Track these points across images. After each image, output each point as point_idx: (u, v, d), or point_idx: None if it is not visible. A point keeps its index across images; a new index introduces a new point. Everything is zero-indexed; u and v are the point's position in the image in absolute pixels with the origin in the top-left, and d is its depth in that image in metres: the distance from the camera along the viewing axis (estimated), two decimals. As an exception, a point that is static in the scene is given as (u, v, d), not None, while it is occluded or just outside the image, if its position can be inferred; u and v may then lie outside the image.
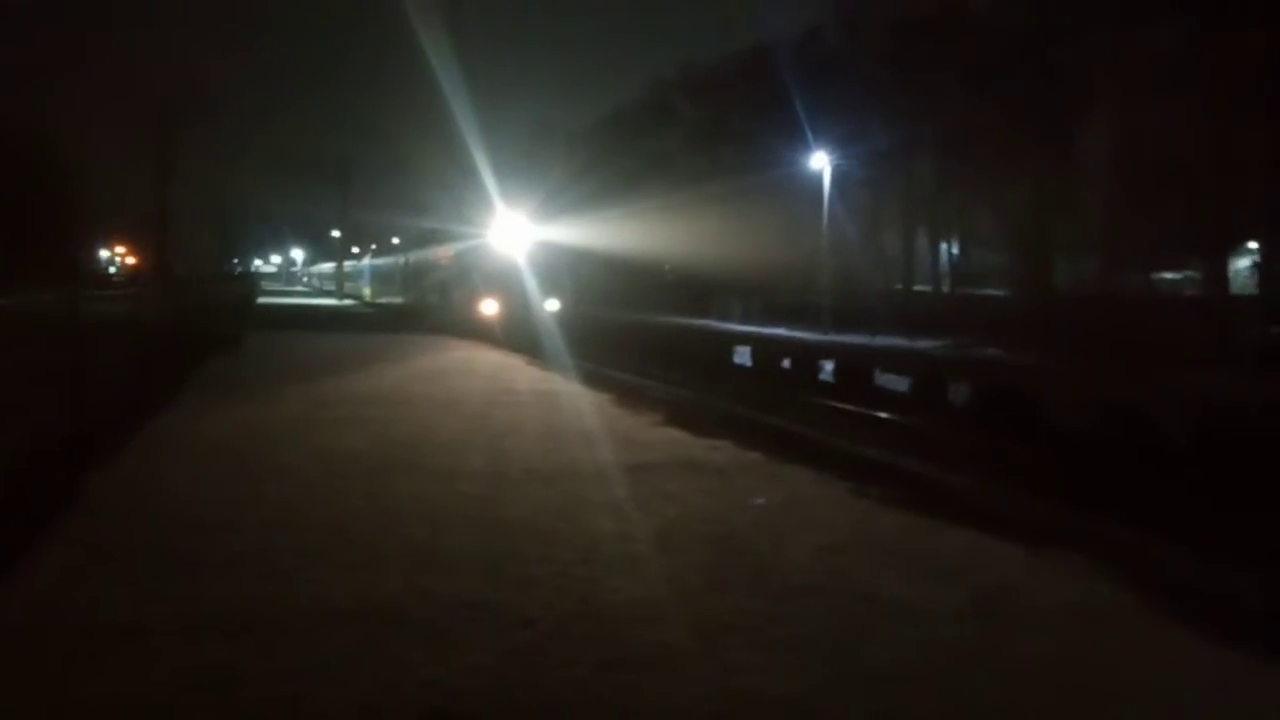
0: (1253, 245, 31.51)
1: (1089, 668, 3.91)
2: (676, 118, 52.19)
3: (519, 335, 24.59)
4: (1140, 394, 15.13)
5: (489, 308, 30.36)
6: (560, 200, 44.50)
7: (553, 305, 32.68)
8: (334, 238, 73.59)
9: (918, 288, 43.81)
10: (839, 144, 37.74)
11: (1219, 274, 33.07)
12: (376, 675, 3.72)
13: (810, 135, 37.59)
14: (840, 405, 16.25)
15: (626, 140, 52.55)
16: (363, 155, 67.30)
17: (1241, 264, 32.80)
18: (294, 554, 5.31)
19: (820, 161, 32.56)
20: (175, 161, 25.34)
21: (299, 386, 12.89)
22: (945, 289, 41.45)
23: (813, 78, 40.81)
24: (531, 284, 32.27)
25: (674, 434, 9.75)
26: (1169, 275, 34.49)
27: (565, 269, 40.26)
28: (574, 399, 12.69)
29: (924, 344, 25.27)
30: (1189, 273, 33.76)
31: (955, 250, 43.53)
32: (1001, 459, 10.69)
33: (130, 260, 55.93)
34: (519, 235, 35.59)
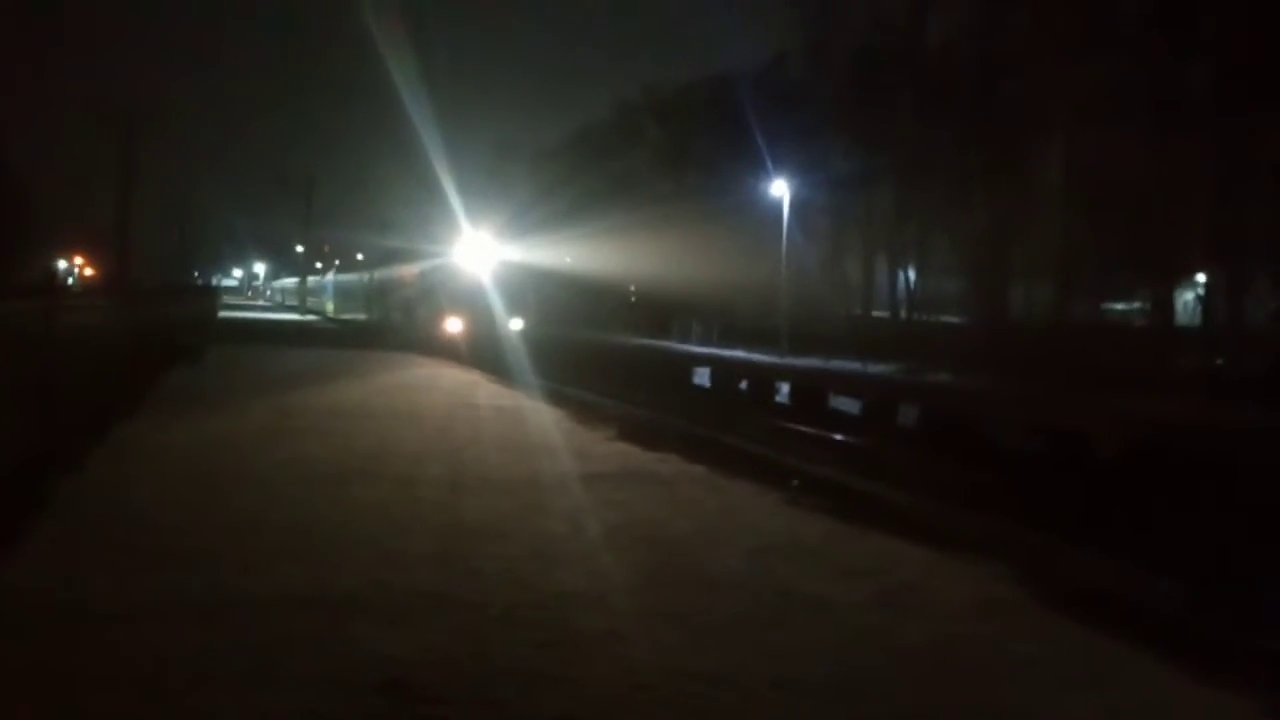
0: (1200, 278, 32.73)
1: (967, 648, 4.44)
2: (642, 140, 52.89)
3: (483, 353, 24.92)
4: (1074, 417, 15.89)
5: (453, 326, 30.61)
6: (525, 220, 44.85)
7: (517, 324, 32.97)
8: (297, 253, 73.34)
9: (876, 313, 44.78)
10: (801, 171, 38.60)
11: (1165, 304, 34.27)
12: (338, 652, 4.14)
13: (770, 162, 38.43)
14: (790, 425, 16.83)
15: (591, 161, 53.10)
16: (327, 172, 67.46)
17: (1188, 296, 34.04)
18: (259, 552, 5.69)
19: (780, 189, 33.31)
20: (136, 175, 25.44)
21: (262, 399, 13.17)
22: (903, 315, 42.35)
23: (776, 105, 41.75)
24: (496, 303, 32.57)
25: (625, 448, 10.23)
26: (1120, 306, 35.70)
27: (529, 288, 40.66)
28: (533, 415, 13.11)
29: (878, 368, 26.03)
30: (1138, 303, 34.99)
31: (913, 277, 44.51)
32: (934, 475, 11.29)
33: (88, 271, 55.38)
34: (483, 254, 35.91)
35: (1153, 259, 30.97)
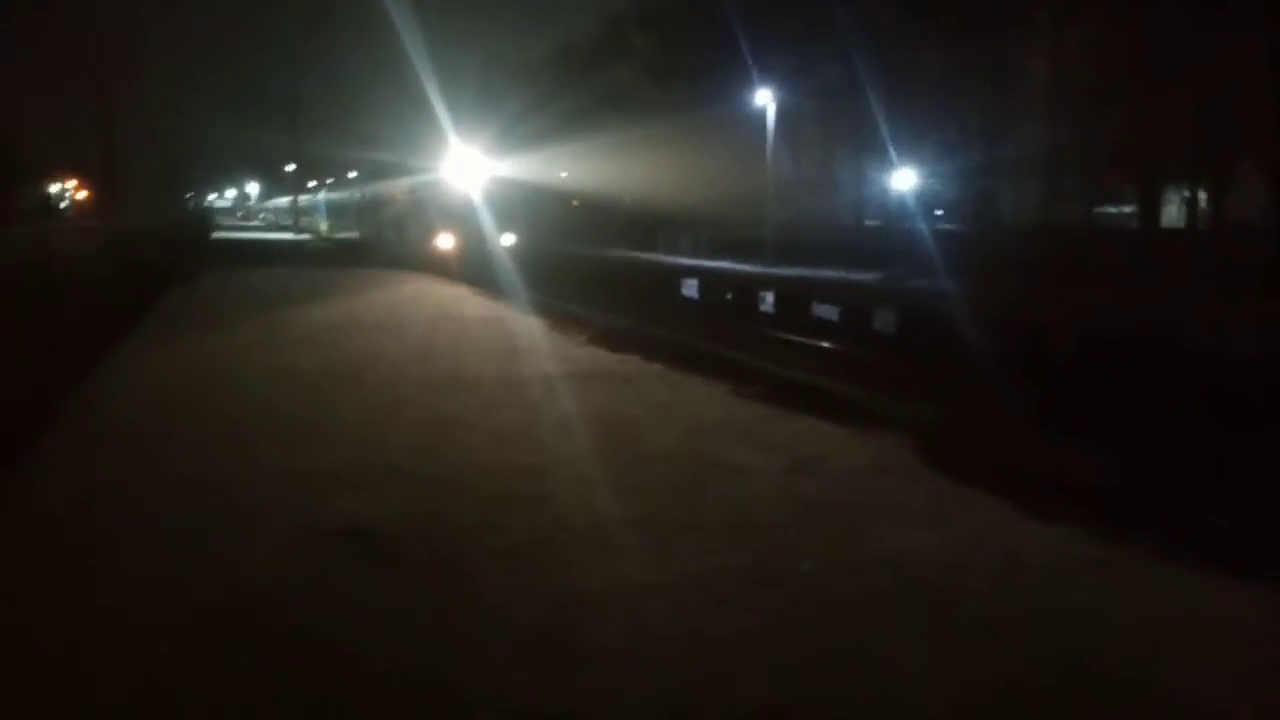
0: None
1: (848, 498, 5.20)
2: (629, 51, 52.26)
3: (472, 269, 25.38)
4: (1029, 313, 16.59)
5: (445, 242, 30.83)
6: (515, 135, 44.71)
7: (508, 240, 33.22)
8: (288, 172, 73.12)
9: (870, 222, 45.02)
10: (789, 79, 38.41)
11: (1153, 205, 34.54)
12: (311, 511, 4.89)
13: (758, 71, 38.22)
14: (764, 331, 17.52)
15: (579, 74, 52.52)
16: (314, 88, 66.60)
17: (1180, 196, 34.29)
18: (246, 441, 6.43)
19: (764, 98, 33.30)
20: (120, 101, 25.57)
21: (253, 318, 13.81)
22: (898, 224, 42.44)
23: (763, 11, 41.27)
24: (486, 218, 32.77)
25: (594, 351, 10.95)
26: (1112, 209, 35.95)
27: (520, 203, 40.84)
28: (513, 324, 13.77)
29: (860, 276, 26.58)
30: (1129, 207, 35.25)
31: (904, 184, 44.47)
32: (884, 369, 12.03)
33: (82, 194, 55.29)
34: (474, 170, 36.00)
35: (1139, 159, 31.20)
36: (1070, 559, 4.41)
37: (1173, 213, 35.46)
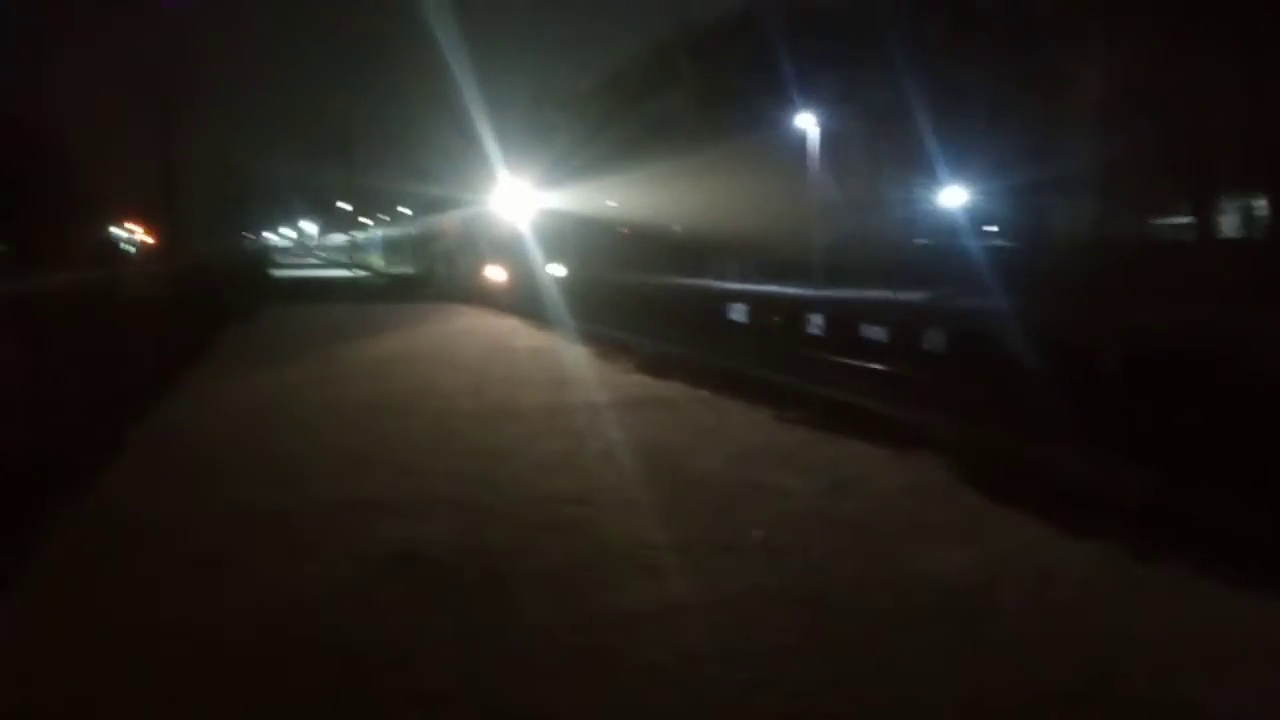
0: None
1: (884, 518, 5.29)
2: (677, 79, 52.81)
3: (523, 300, 25.73)
4: (1089, 333, 16.37)
5: (495, 274, 31.17)
6: (564, 166, 45.29)
7: (557, 270, 33.51)
8: (343, 209, 74.92)
9: (919, 240, 44.68)
10: (835, 101, 38.47)
11: (1208, 217, 33.82)
12: (362, 538, 5.12)
13: (805, 94, 38.35)
14: (807, 353, 17.55)
15: (628, 103, 53.15)
16: (367, 125, 68.39)
17: (1240, 208, 33.56)
18: (301, 471, 6.70)
19: (805, 121, 33.43)
20: (178, 143, 26.46)
21: (309, 352, 14.23)
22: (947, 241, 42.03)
23: (806, 34, 41.46)
24: (535, 250, 33.11)
25: (640, 378, 11.13)
26: (1176, 221, 35.28)
27: (569, 234, 41.30)
28: (561, 354, 14.03)
29: (908, 296, 26.45)
30: (1186, 218, 34.55)
31: (954, 202, 44.06)
32: (930, 390, 12.01)
33: (146, 239, 56.96)
34: (523, 201, 36.48)
35: (1195, 169, 30.62)
36: (1104, 577, 4.45)
37: (1230, 223, 34.66)
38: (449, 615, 4.11)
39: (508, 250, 33.97)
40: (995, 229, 41.83)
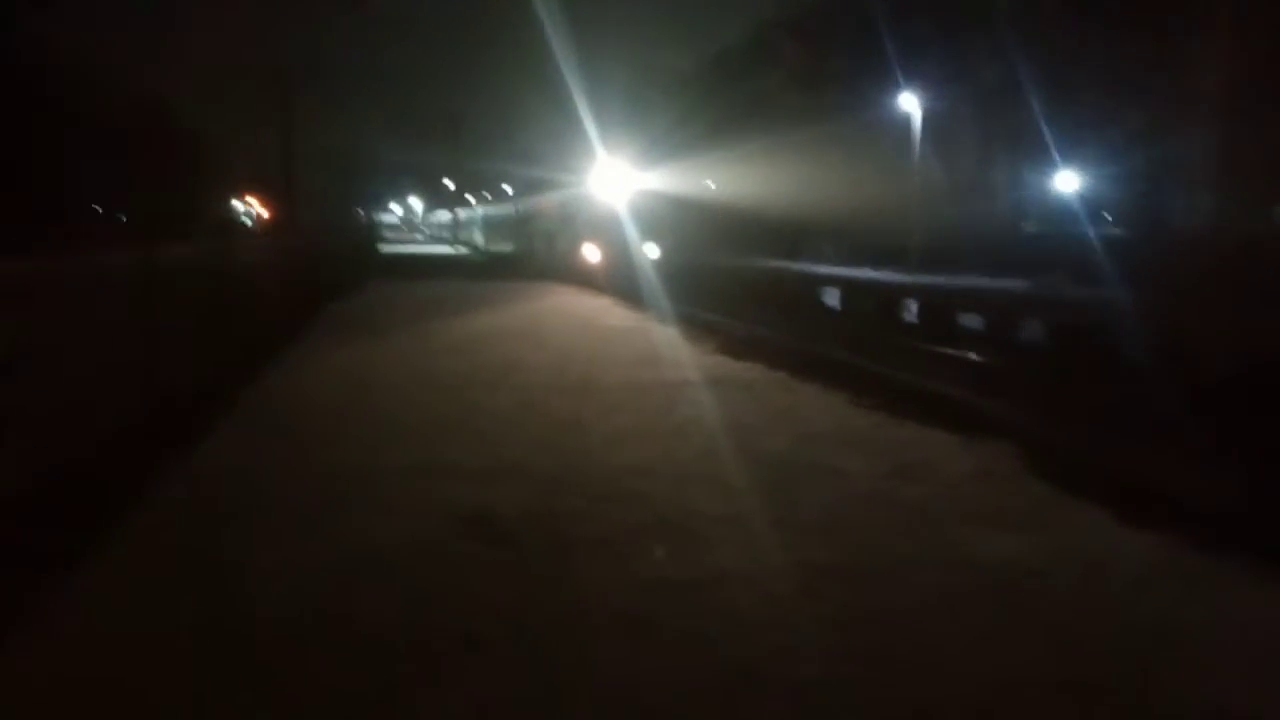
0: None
1: (944, 503, 5.34)
2: (778, 58, 52.24)
3: (617, 280, 26.03)
4: (1196, 329, 15.75)
5: (591, 254, 31.55)
6: (662, 146, 45.42)
7: (652, 251, 33.72)
8: (448, 187, 76.75)
9: (1028, 227, 43.35)
10: (941, 81, 37.53)
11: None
12: (441, 499, 5.45)
13: (910, 74, 37.53)
14: (897, 339, 17.36)
15: (728, 83, 52.92)
16: (473, 105, 69.91)
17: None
18: (393, 437, 7.11)
19: (909, 102, 32.78)
20: (296, 123, 27.62)
21: (409, 326, 14.83)
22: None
23: (912, 12, 40.49)
24: (632, 230, 33.40)
25: (720, 359, 11.28)
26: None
27: (666, 215, 41.45)
28: (649, 334, 14.25)
29: (1008, 284, 25.79)
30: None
31: (1066, 187, 42.65)
32: (1016, 380, 11.80)
33: (263, 212, 59.49)
34: (621, 182, 36.80)
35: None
36: (1159, 570, 4.44)
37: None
38: (510, 572, 4.39)
39: (604, 230, 34.35)
40: (1109, 217, 40.29)
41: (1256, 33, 29.87)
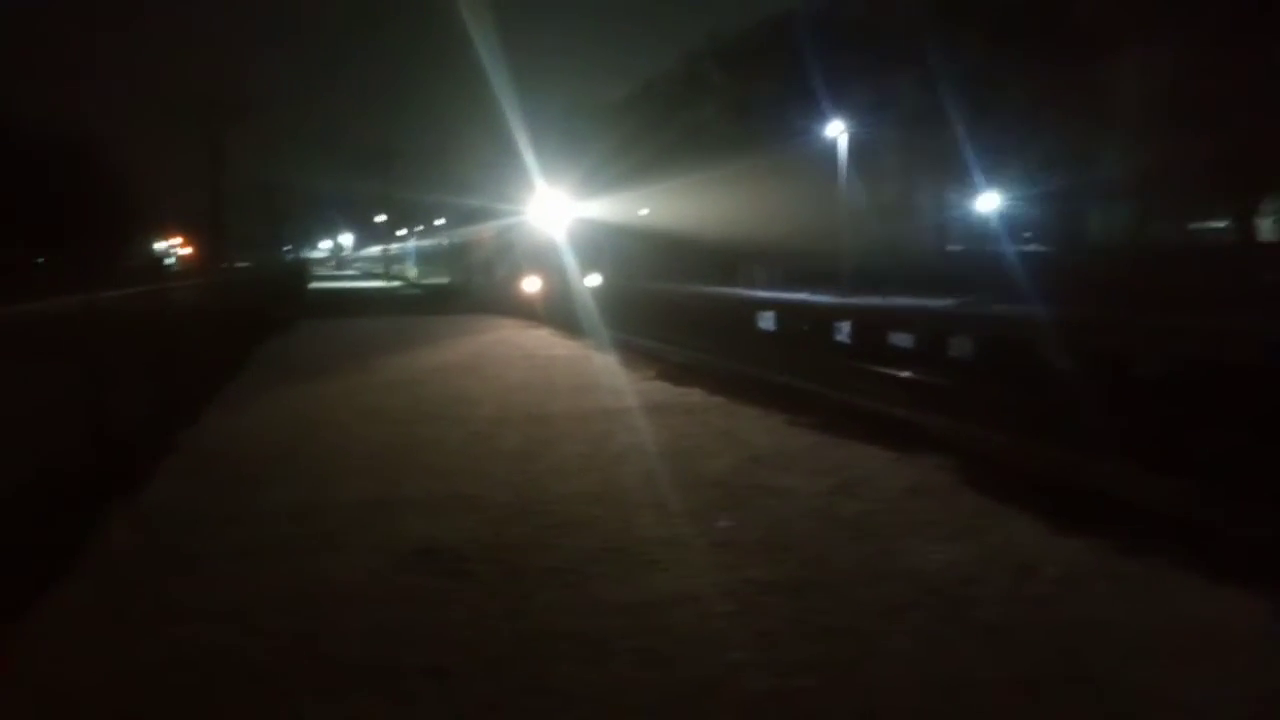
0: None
1: (884, 517, 5.53)
2: (708, 89, 53.20)
3: (555, 310, 26.04)
4: (1117, 339, 16.44)
5: (530, 285, 31.25)
6: (599, 176, 45.73)
7: (593, 280, 33.67)
8: (379, 222, 76.15)
9: (952, 247, 44.61)
10: (869, 109, 38.57)
11: (1247, 221, 33.45)
12: (388, 532, 5.47)
13: (836, 102, 38.51)
14: (833, 360, 17.76)
15: (660, 113, 53.71)
16: (405, 137, 69.75)
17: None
18: (336, 472, 7.09)
19: (835, 129, 33.66)
20: (222, 155, 27.28)
21: (345, 364, 14.66)
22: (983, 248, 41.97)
23: (838, 43, 41.62)
24: (570, 260, 33.35)
25: (660, 385, 11.42)
26: (1217, 225, 34.96)
27: (604, 244, 41.57)
28: (586, 362, 14.35)
29: (937, 303, 26.52)
30: (1225, 222, 34.24)
31: (986, 208, 43.97)
32: (948, 395, 12.19)
33: (186, 251, 58.20)
34: (558, 212, 36.80)
35: (1236, 174, 30.37)
36: (1087, 571, 4.66)
37: (1270, 228, 34.21)
38: (464, 602, 4.44)
39: (543, 260, 34.31)
40: (1030, 235, 41.61)
41: (1165, 56, 31.37)
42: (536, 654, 3.86)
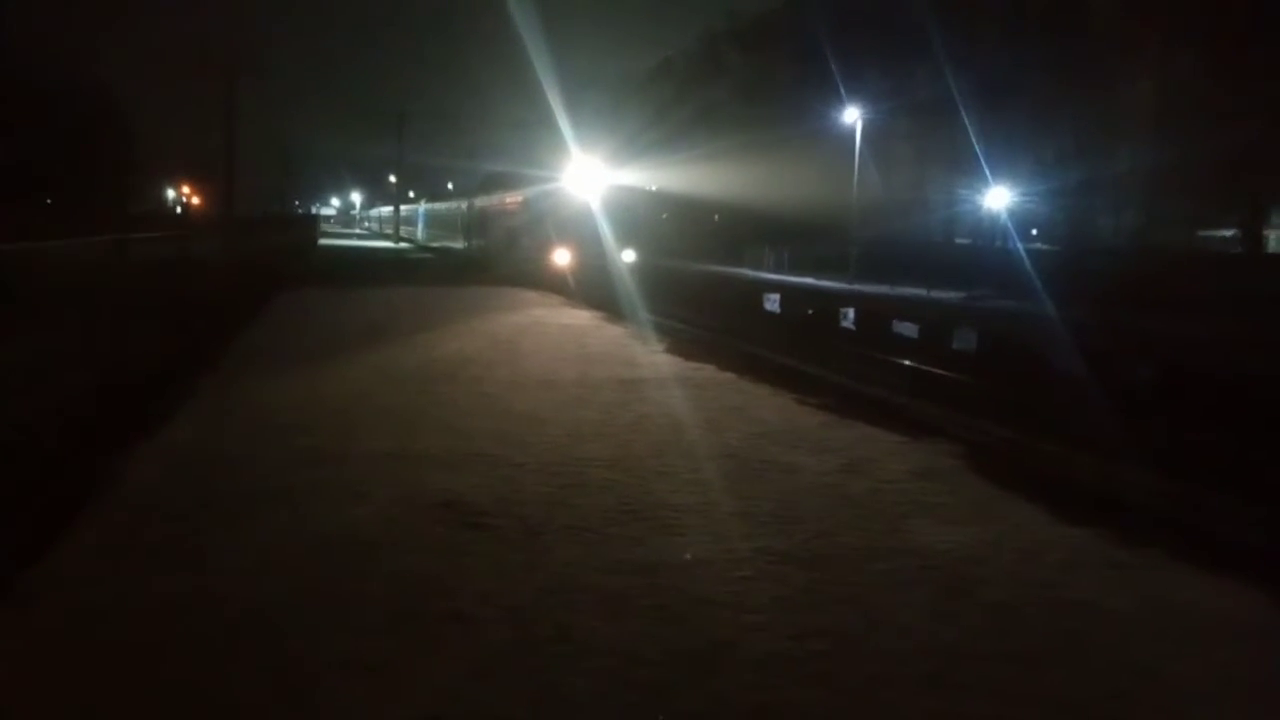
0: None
1: (890, 497, 5.67)
2: (724, 69, 53.12)
3: (587, 285, 25.39)
4: (1119, 340, 16.55)
5: (561, 258, 29.85)
6: (632, 147, 45.24)
7: (629, 256, 32.37)
8: (391, 183, 76.06)
9: (960, 240, 44.66)
10: (882, 97, 38.47)
11: (1255, 230, 33.49)
12: (411, 485, 5.61)
13: (850, 89, 38.41)
14: (837, 345, 17.88)
15: (675, 91, 53.69)
16: (422, 100, 69.45)
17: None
18: (356, 427, 7.22)
19: (851, 115, 33.57)
20: (237, 114, 27.10)
21: (354, 314, 14.81)
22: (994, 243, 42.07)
23: (854, 30, 41.47)
24: (607, 233, 31.62)
25: (670, 359, 11.54)
26: (1227, 233, 35.02)
27: (640, 216, 40.59)
28: (598, 333, 14.44)
29: (943, 295, 26.63)
30: (1232, 231, 34.30)
31: (997, 203, 43.95)
32: (952, 386, 12.32)
33: (195, 200, 57.98)
34: (592, 181, 35.33)
35: (1247, 181, 30.39)
36: (1089, 558, 4.81)
37: (1275, 238, 34.29)
38: (483, 554, 4.58)
39: (573, 231, 33.44)
40: (1037, 232, 41.56)
41: (1184, 59, 31.29)
42: (556, 605, 4.01)
